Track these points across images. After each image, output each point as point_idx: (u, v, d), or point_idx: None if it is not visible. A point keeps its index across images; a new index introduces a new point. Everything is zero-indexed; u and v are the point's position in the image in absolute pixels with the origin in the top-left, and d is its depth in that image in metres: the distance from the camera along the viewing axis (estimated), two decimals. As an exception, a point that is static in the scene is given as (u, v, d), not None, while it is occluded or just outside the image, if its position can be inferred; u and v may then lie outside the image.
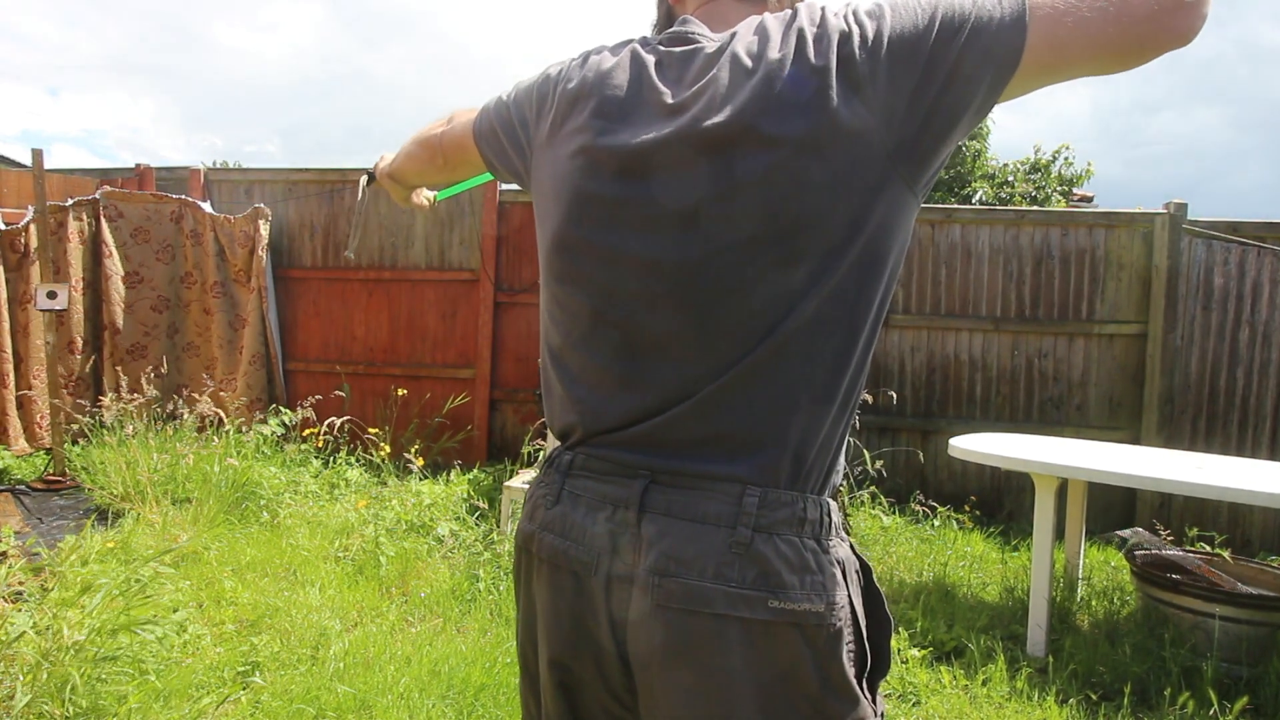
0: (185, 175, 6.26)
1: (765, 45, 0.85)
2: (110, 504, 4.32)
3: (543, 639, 0.96)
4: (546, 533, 0.95)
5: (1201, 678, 2.82)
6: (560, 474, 0.96)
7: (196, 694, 2.48)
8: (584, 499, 0.93)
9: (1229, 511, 4.93)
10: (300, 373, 6.17)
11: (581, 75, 0.97)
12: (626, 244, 0.89)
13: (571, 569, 0.92)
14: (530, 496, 1.02)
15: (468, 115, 1.19)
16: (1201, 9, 0.75)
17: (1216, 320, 4.96)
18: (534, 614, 0.99)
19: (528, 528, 0.99)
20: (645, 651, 0.86)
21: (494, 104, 1.13)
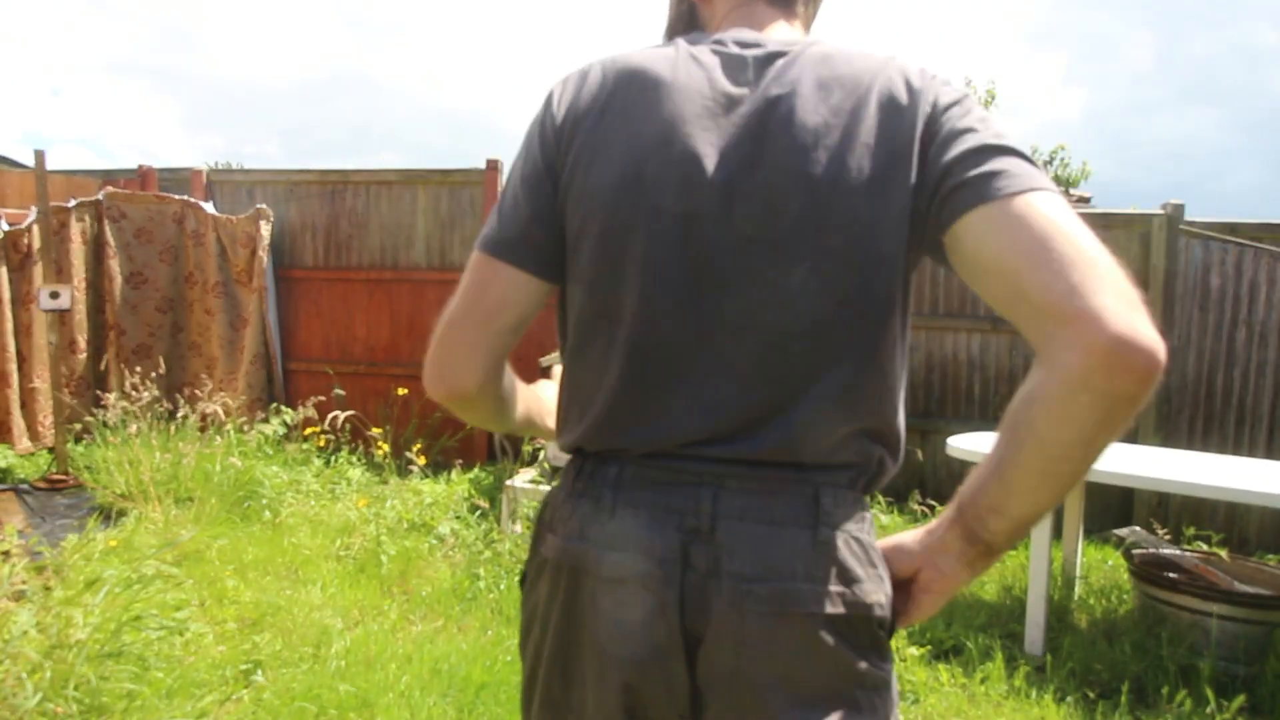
0: (187, 176, 6.27)
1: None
2: (113, 503, 4.33)
3: (607, 664, 0.89)
4: (607, 550, 0.89)
5: (1199, 676, 2.84)
6: (609, 487, 0.91)
7: (199, 692, 2.49)
8: (645, 510, 0.88)
9: (1226, 511, 4.94)
10: (302, 372, 6.19)
11: None
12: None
13: (641, 585, 0.86)
14: (568, 511, 0.94)
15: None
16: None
17: (1213, 320, 4.98)
18: (583, 639, 0.92)
19: (577, 545, 0.91)
20: (730, 660, 0.85)
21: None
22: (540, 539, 0.99)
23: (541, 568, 0.98)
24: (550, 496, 1.00)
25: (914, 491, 4.93)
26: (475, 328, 0.93)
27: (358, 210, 6.12)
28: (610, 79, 0.92)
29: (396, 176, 6.06)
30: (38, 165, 4.96)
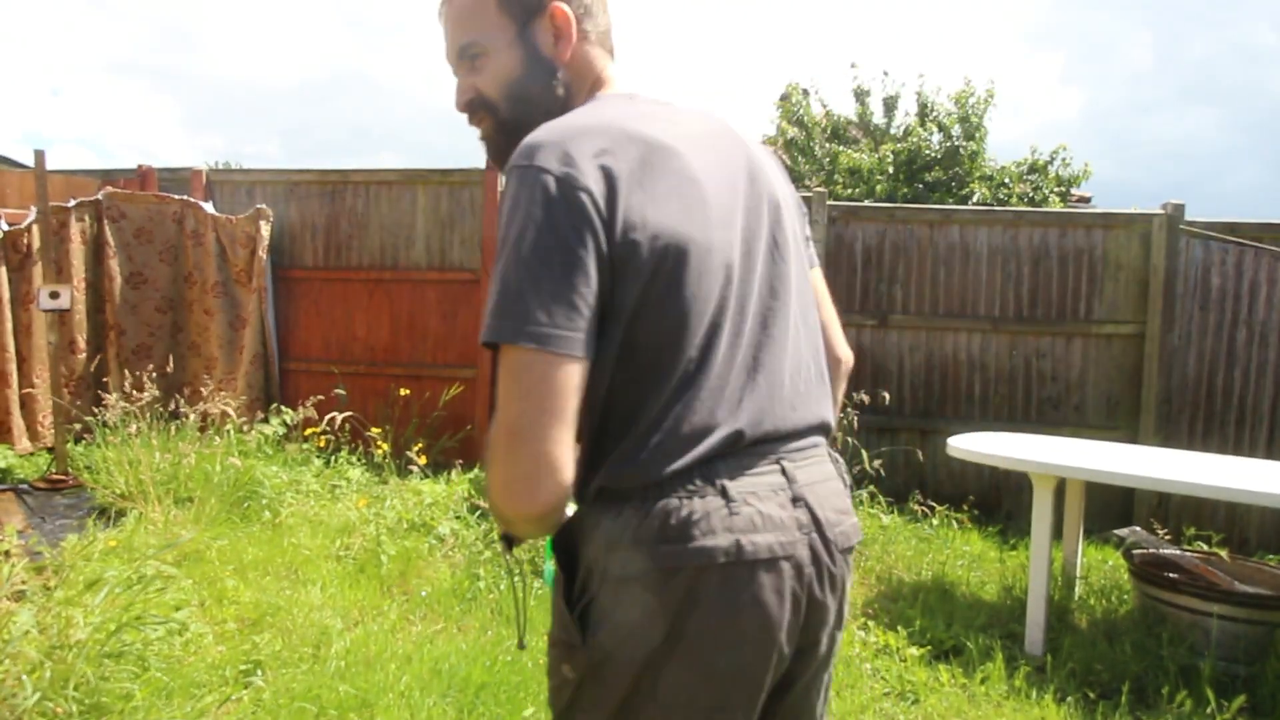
0: (187, 176, 6.27)
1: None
2: (112, 503, 4.33)
3: (760, 638, 0.98)
4: (754, 534, 0.97)
5: (1199, 676, 2.84)
6: (725, 478, 0.98)
7: (199, 692, 2.49)
8: (757, 494, 0.99)
9: (1226, 511, 4.94)
10: (301, 372, 6.19)
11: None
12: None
13: (786, 557, 0.99)
14: (697, 511, 0.96)
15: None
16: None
17: (1214, 320, 4.98)
18: (742, 625, 0.97)
19: (725, 540, 0.96)
20: (839, 594, 1.07)
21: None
22: (652, 553, 0.96)
23: (685, 576, 0.96)
24: (643, 512, 0.98)
25: (914, 492, 4.93)
26: (560, 427, 0.90)
27: (358, 210, 6.12)
28: (624, 144, 0.96)
29: (396, 176, 6.07)
30: (37, 165, 4.96)
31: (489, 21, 1.07)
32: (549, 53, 1.08)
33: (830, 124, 12.32)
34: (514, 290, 0.90)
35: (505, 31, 1.07)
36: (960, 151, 11.06)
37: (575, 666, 1.01)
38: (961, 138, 11.12)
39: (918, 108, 11.73)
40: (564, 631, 1.02)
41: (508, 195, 0.95)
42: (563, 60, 1.08)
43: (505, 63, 1.08)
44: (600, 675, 0.99)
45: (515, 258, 0.90)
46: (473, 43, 1.08)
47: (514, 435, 0.89)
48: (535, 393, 0.89)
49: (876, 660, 3.07)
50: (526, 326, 0.88)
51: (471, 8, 1.08)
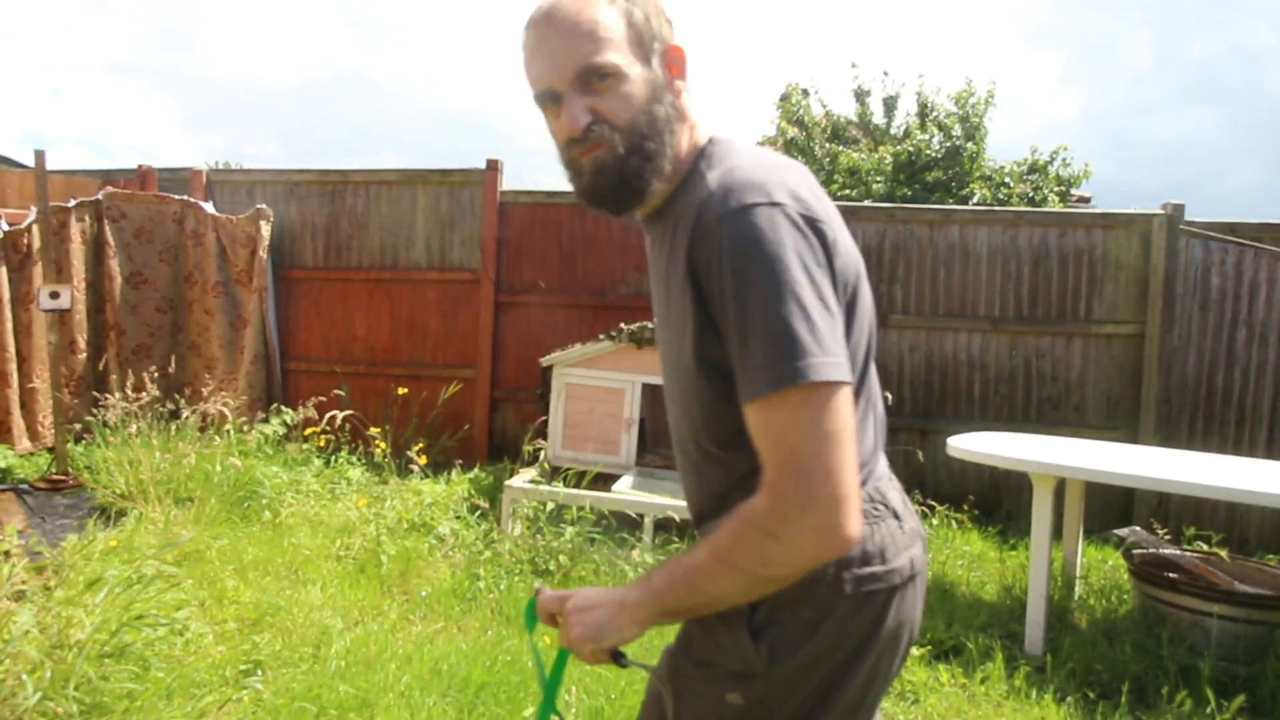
0: (187, 176, 6.27)
1: None
2: (113, 503, 4.33)
3: (907, 646, 1.11)
4: (914, 549, 1.10)
5: (1199, 676, 2.84)
6: (889, 497, 1.10)
7: (199, 692, 2.49)
8: (905, 508, 1.13)
9: (1226, 511, 4.94)
10: (302, 372, 6.19)
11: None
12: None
13: (926, 569, 1.14)
14: (884, 535, 1.06)
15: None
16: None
17: (1214, 320, 4.98)
18: (901, 634, 1.08)
19: (904, 560, 1.07)
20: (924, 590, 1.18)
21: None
22: (854, 579, 1.03)
23: (880, 597, 1.05)
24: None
25: (914, 491, 4.93)
26: (856, 457, 0.92)
27: (358, 210, 6.12)
28: (806, 181, 1.02)
29: (396, 176, 6.07)
30: (38, 165, 4.96)
31: (618, 44, 1.02)
32: (667, 84, 1.06)
33: (830, 124, 12.32)
34: (794, 328, 0.89)
35: (636, 55, 1.03)
36: (961, 152, 11.06)
37: (749, 694, 1.03)
38: (962, 138, 11.12)
39: (918, 108, 11.73)
40: (739, 662, 1.03)
41: (741, 235, 0.92)
42: (677, 94, 1.07)
43: (638, 86, 1.03)
44: (778, 697, 1.02)
45: (785, 294, 0.89)
46: (606, 63, 1.01)
47: (828, 477, 0.88)
48: (836, 429, 0.89)
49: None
50: (817, 362, 0.88)
51: (598, 28, 1.01)
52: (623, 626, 1.03)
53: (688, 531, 4.18)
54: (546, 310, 5.84)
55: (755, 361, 0.90)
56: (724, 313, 0.94)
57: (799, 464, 0.88)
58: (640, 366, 4.59)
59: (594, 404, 4.67)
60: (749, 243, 0.91)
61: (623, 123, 1.02)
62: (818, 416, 0.88)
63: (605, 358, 4.64)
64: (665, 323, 1.10)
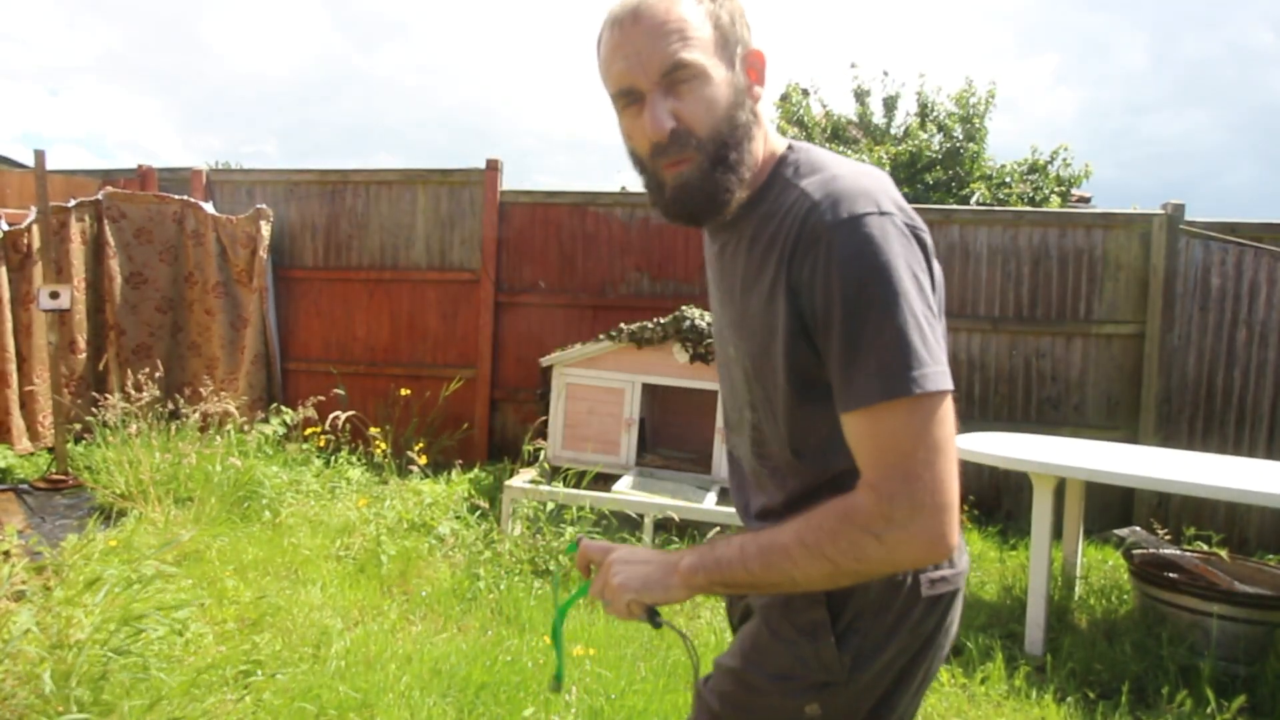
0: (187, 176, 6.28)
1: None
2: (113, 503, 4.33)
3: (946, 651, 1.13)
4: (964, 553, 1.14)
5: (1199, 676, 2.84)
6: None
7: (199, 692, 2.49)
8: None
9: (1226, 511, 4.94)
10: (302, 372, 6.19)
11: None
12: None
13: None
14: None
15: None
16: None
17: (1214, 320, 4.98)
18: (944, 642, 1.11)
19: (964, 563, 1.12)
20: None
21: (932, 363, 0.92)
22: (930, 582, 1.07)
23: (947, 598, 1.09)
24: None
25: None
26: (957, 466, 0.92)
27: (358, 210, 6.12)
28: (906, 203, 1.00)
29: (396, 176, 6.07)
30: (37, 165, 4.96)
31: (705, 45, 0.99)
32: (747, 89, 1.03)
33: (830, 124, 12.32)
34: (910, 338, 0.89)
35: (720, 58, 1.00)
36: (961, 152, 11.06)
37: (829, 705, 1.04)
38: (963, 138, 11.12)
39: (918, 107, 11.73)
40: (823, 674, 1.04)
41: (855, 243, 0.91)
42: (756, 100, 1.05)
43: (722, 90, 1.00)
44: (852, 708, 1.05)
45: (901, 304, 0.89)
46: (694, 61, 0.97)
47: (938, 486, 0.89)
48: (944, 438, 0.90)
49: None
50: (930, 373, 0.89)
51: (686, 27, 0.97)
52: (671, 586, 1.02)
53: (687, 531, 4.18)
54: (546, 310, 5.84)
55: (868, 371, 0.90)
56: (828, 322, 0.93)
57: (910, 470, 0.88)
58: (640, 366, 4.59)
59: (594, 404, 4.67)
60: (863, 253, 0.91)
61: (706, 131, 0.99)
62: (928, 425, 0.89)
63: (605, 358, 4.64)
64: (741, 331, 1.08)
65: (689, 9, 0.98)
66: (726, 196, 1.01)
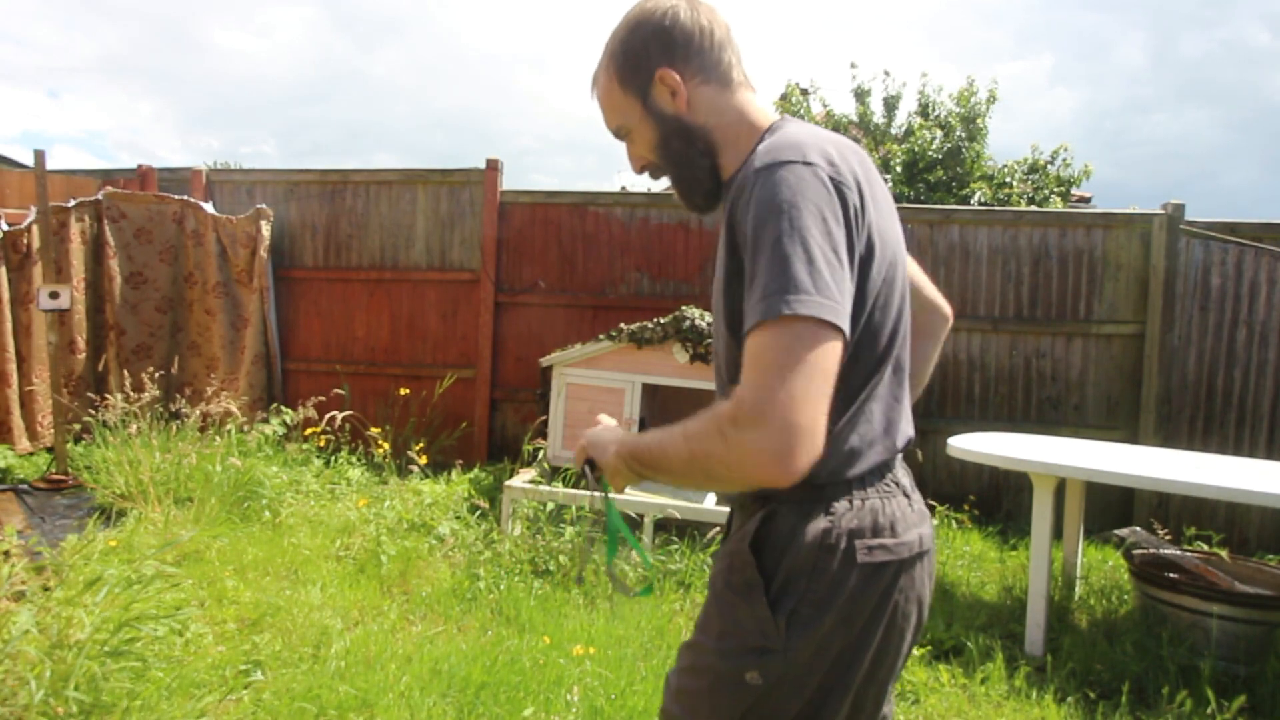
0: (187, 176, 6.27)
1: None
2: (113, 503, 4.33)
3: (917, 620, 1.14)
4: (923, 528, 1.15)
5: (1199, 676, 2.84)
6: (901, 477, 1.16)
7: (199, 692, 2.49)
8: (913, 492, 1.18)
9: (1226, 511, 4.94)
10: (302, 372, 6.19)
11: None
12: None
13: (932, 547, 1.17)
14: (897, 510, 1.11)
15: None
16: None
17: (1214, 320, 4.98)
18: (910, 610, 1.12)
19: (914, 535, 1.12)
20: (933, 580, 1.20)
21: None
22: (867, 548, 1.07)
23: (890, 570, 1.08)
24: (848, 508, 1.09)
25: (914, 491, 4.93)
26: (825, 399, 0.92)
27: (358, 210, 6.12)
28: (851, 158, 1.07)
29: (396, 176, 6.07)
30: (37, 165, 4.96)
31: (621, 104, 1.22)
32: (672, 109, 1.19)
33: (831, 124, 12.31)
34: (795, 267, 0.93)
35: (635, 107, 1.21)
36: (963, 151, 11.06)
37: (768, 672, 1.04)
38: (966, 139, 11.11)
39: (919, 107, 11.72)
40: (757, 638, 1.05)
41: (770, 185, 0.99)
42: (683, 111, 1.19)
43: (645, 132, 1.22)
44: (796, 675, 1.04)
45: (795, 238, 0.95)
46: (619, 126, 1.24)
47: (789, 402, 0.89)
48: (811, 362, 0.91)
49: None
50: (808, 299, 0.92)
51: (606, 97, 1.24)
52: (607, 446, 1.17)
53: (687, 531, 4.18)
54: (546, 310, 5.83)
55: (755, 298, 0.94)
56: (747, 257, 1.00)
57: (766, 382, 0.90)
58: (640, 366, 4.59)
59: (594, 404, 4.67)
60: (776, 193, 0.98)
61: (657, 159, 1.24)
62: (794, 346, 0.91)
63: (605, 358, 4.64)
64: (713, 291, 1.19)
65: (603, 78, 1.23)
66: (696, 196, 1.24)
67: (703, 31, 1.18)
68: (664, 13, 1.18)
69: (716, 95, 1.19)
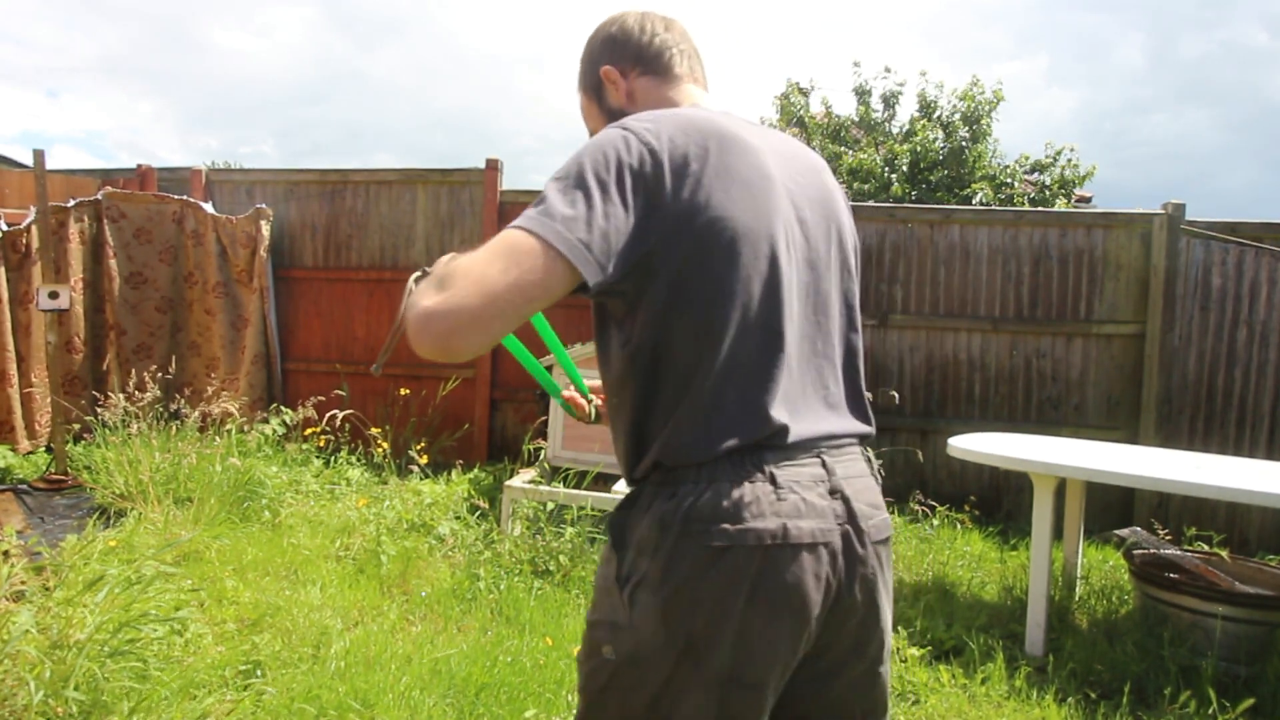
0: (187, 176, 6.27)
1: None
2: (112, 503, 4.33)
3: (801, 618, 1.04)
4: (799, 520, 1.04)
5: (1200, 677, 2.84)
6: (772, 466, 1.06)
7: (199, 692, 2.49)
8: (800, 483, 1.06)
9: (1227, 511, 4.94)
10: (302, 372, 6.19)
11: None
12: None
13: (824, 543, 1.06)
14: (748, 495, 1.03)
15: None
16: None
17: (1214, 320, 4.98)
18: (786, 606, 1.03)
19: (773, 523, 1.02)
20: (869, 584, 1.11)
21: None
22: (704, 532, 1.03)
23: (736, 555, 1.02)
24: (696, 492, 1.04)
25: (914, 491, 4.93)
26: (513, 310, 0.95)
27: (357, 210, 6.12)
28: (696, 129, 1.07)
29: (396, 176, 6.07)
30: (37, 165, 4.96)
31: (586, 109, 1.36)
32: (618, 104, 1.30)
33: (832, 124, 12.31)
34: (548, 198, 0.98)
35: (594, 108, 1.34)
36: (966, 151, 11.06)
37: (618, 647, 1.05)
38: (970, 139, 11.11)
39: (920, 107, 11.72)
40: (610, 612, 1.07)
41: (585, 140, 1.08)
42: (624, 103, 1.29)
43: (591, 121, 1.35)
44: (644, 655, 1.03)
45: (565, 174, 1.00)
46: (591, 130, 1.35)
47: (473, 283, 0.93)
48: (513, 266, 0.94)
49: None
50: (541, 220, 0.96)
51: (581, 107, 1.38)
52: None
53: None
54: (546, 310, 5.82)
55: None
56: None
57: (462, 266, 0.95)
58: (640, 366, 4.58)
59: (594, 404, 4.66)
60: (581, 146, 1.06)
61: None
62: (505, 249, 0.95)
63: (605, 358, 4.63)
64: None
65: (578, 92, 1.37)
66: None
67: (643, 31, 1.30)
68: (612, 20, 1.33)
69: (654, 87, 1.29)
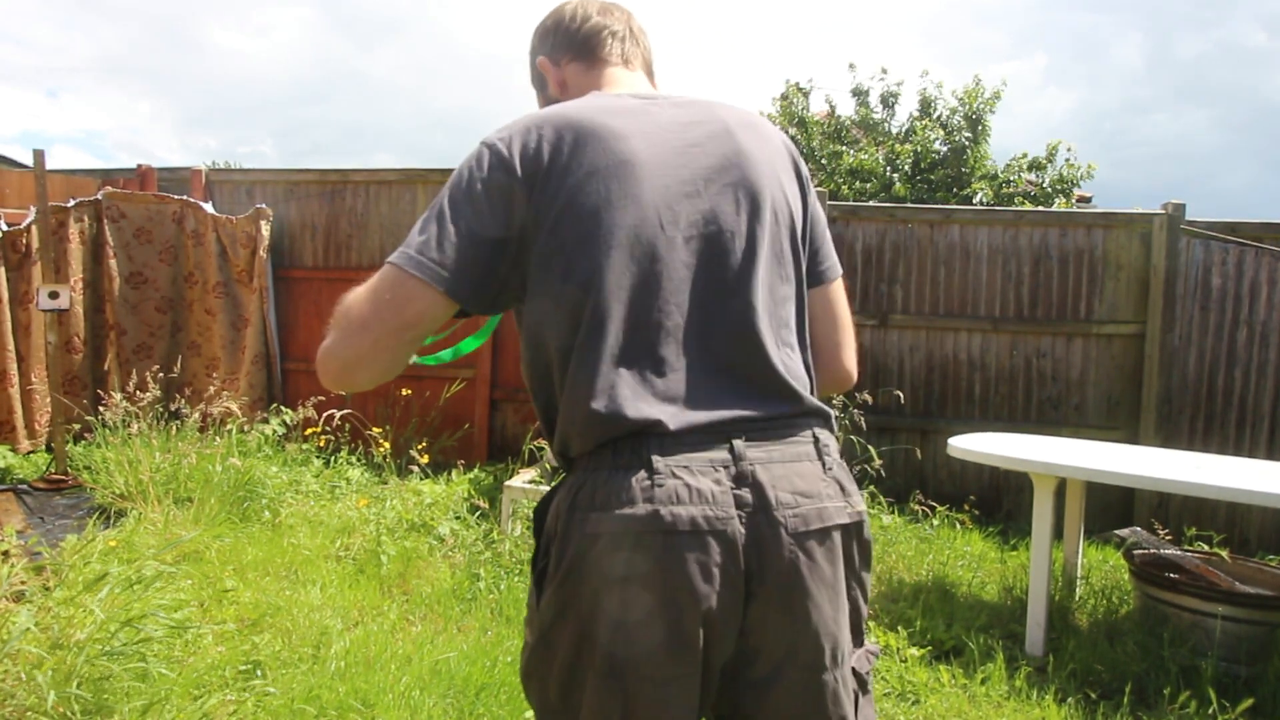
0: (187, 176, 6.27)
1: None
2: (112, 503, 4.33)
3: (684, 607, 0.99)
4: (675, 506, 1.00)
5: (1200, 677, 2.84)
6: (655, 452, 1.02)
7: (199, 692, 2.49)
8: (690, 468, 1.02)
9: (1227, 511, 4.94)
10: (302, 372, 6.18)
11: None
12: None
13: (713, 531, 1.00)
14: (619, 482, 1.01)
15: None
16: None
17: (1214, 320, 4.98)
18: (664, 595, 0.99)
19: (643, 510, 0.99)
20: (788, 579, 1.03)
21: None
22: (583, 520, 1.03)
23: (593, 542, 1.01)
24: (581, 482, 1.05)
25: (915, 491, 4.93)
26: (395, 339, 1.08)
27: (357, 210, 6.12)
28: (557, 126, 1.08)
29: (396, 176, 6.06)
30: (37, 165, 4.96)
31: (538, 104, 1.37)
32: (555, 95, 1.32)
33: (834, 123, 12.31)
34: (415, 229, 1.08)
35: (540, 101, 1.36)
36: (967, 152, 11.06)
37: (531, 630, 1.10)
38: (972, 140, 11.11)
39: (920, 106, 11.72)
40: (530, 598, 1.12)
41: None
42: (558, 93, 1.32)
43: (537, 99, 1.38)
44: (547, 639, 1.06)
45: (429, 206, 1.09)
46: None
47: (353, 326, 1.09)
48: (386, 298, 1.06)
49: (877, 661, 3.07)
50: (405, 252, 1.07)
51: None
52: None
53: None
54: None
55: None
56: None
57: (348, 300, 1.10)
58: (640, 366, 4.57)
59: (594, 404, 4.65)
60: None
61: None
62: (380, 285, 1.07)
63: (605, 358, 4.63)
64: None
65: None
66: None
67: (574, 18, 1.31)
68: (551, 11, 1.34)
69: (582, 73, 1.30)
